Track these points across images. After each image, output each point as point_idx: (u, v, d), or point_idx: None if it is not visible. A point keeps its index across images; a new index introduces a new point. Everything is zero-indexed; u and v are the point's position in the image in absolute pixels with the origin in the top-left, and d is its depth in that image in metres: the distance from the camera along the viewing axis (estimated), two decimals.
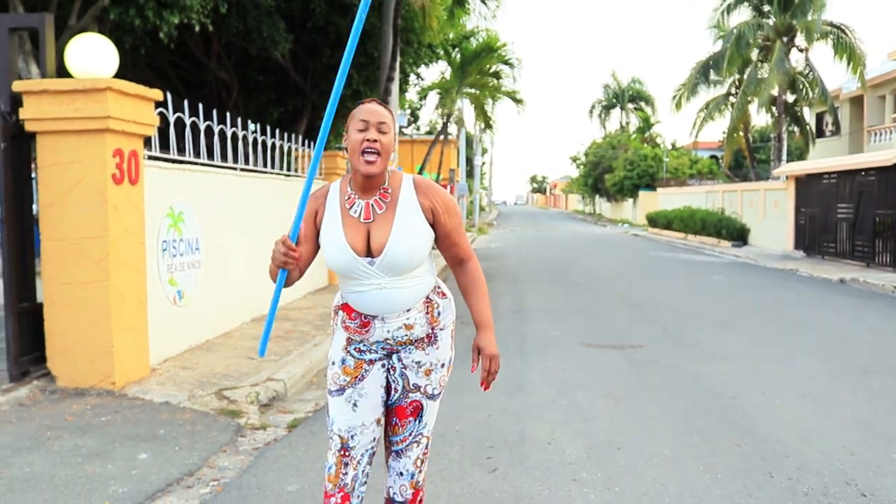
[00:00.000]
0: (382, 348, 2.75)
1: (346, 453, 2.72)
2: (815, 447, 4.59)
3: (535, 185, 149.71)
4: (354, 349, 2.76)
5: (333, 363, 2.79)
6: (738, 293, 12.54)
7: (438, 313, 2.77)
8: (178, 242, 6.76)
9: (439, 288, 2.81)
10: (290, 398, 5.79)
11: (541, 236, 31.22)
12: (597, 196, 59.16)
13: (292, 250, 2.49)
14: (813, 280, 15.08)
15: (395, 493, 2.86)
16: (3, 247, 5.52)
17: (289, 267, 2.55)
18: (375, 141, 2.55)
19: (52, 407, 5.12)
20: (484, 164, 61.76)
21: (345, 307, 2.76)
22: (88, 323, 5.52)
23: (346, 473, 2.72)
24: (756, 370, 6.68)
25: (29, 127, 5.45)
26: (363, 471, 2.77)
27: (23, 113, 5.43)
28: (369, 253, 2.63)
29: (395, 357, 2.78)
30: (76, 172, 5.46)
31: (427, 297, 2.75)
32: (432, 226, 2.70)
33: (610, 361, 7.00)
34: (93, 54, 5.57)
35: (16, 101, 5.49)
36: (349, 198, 2.68)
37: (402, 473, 2.85)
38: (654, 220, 33.90)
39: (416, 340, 2.75)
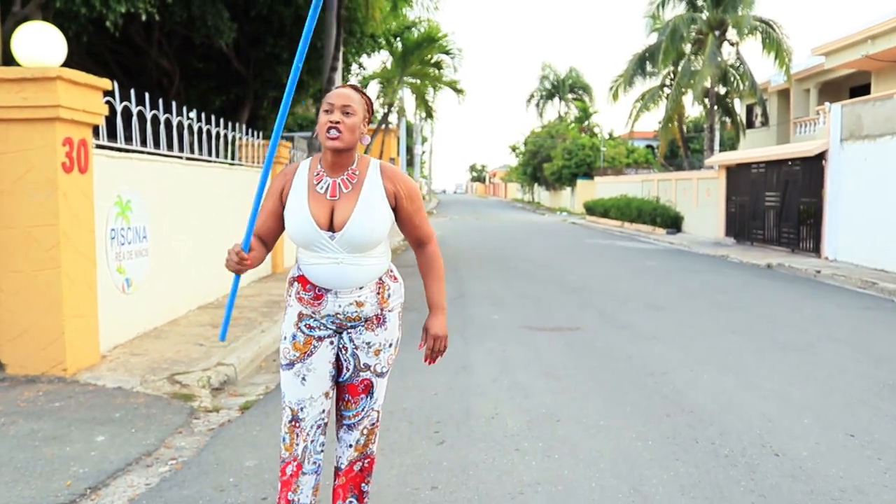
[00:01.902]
0: (333, 322, 2.90)
1: (297, 424, 2.90)
2: (736, 416, 4.99)
3: (474, 174, 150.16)
4: (305, 325, 2.91)
5: (285, 338, 2.95)
6: (670, 278, 13.05)
7: (389, 295, 2.95)
8: (126, 231, 6.82)
9: (392, 272, 3.00)
10: (240, 382, 5.93)
11: (480, 225, 31.58)
12: (535, 185, 59.81)
13: (245, 259, 2.74)
14: (742, 265, 15.74)
15: (342, 463, 3.07)
16: None
17: (242, 273, 2.77)
18: (338, 122, 2.73)
19: (2, 394, 5.16)
20: (424, 152, 61.91)
21: (300, 279, 2.91)
22: (39, 310, 5.56)
23: (297, 444, 2.91)
24: (685, 349, 7.09)
25: None
26: (315, 440, 2.94)
27: None
28: (331, 228, 2.79)
29: (346, 337, 2.94)
30: (25, 161, 5.49)
31: (380, 279, 2.92)
32: (394, 209, 2.88)
33: (549, 343, 7.32)
34: (40, 42, 5.58)
35: None
36: (318, 174, 2.85)
37: (351, 445, 3.04)
38: (592, 209, 34.60)
39: (365, 320, 2.92)
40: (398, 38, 24.16)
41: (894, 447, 4.43)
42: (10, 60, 6.36)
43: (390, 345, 3.00)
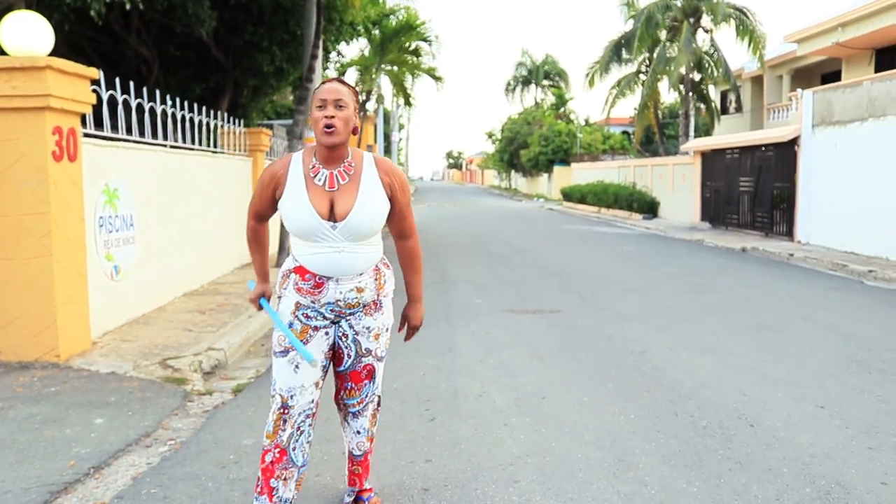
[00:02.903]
0: (332, 311, 2.98)
1: (286, 412, 2.94)
2: (714, 390, 5.21)
3: (451, 161, 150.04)
4: (302, 314, 2.98)
5: None
6: (648, 262, 13.29)
7: (385, 282, 3.08)
8: (113, 218, 6.88)
9: (384, 260, 3.13)
10: (230, 366, 6.05)
11: (459, 211, 31.71)
12: (512, 171, 59.98)
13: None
14: (717, 249, 16.04)
15: (353, 448, 3.25)
16: None
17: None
18: (333, 117, 2.82)
19: None
20: (401, 140, 61.77)
21: (298, 270, 2.97)
22: (31, 297, 5.64)
23: (283, 430, 2.94)
24: (663, 329, 7.30)
25: None
26: (304, 431, 2.99)
27: None
28: (332, 218, 2.88)
29: (345, 324, 3.03)
30: (15, 149, 5.54)
31: (376, 266, 3.04)
32: (389, 200, 2.99)
33: (532, 325, 7.51)
34: (28, 32, 5.61)
35: None
36: (314, 167, 2.92)
37: (359, 431, 3.19)
38: (569, 195, 34.86)
39: (364, 306, 3.02)
40: (376, 26, 24.17)
41: (860, 417, 4.67)
42: None
43: (387, 329, 3.13)
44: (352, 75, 27.75)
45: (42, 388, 5.07)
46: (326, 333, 3.02)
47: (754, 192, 18.83)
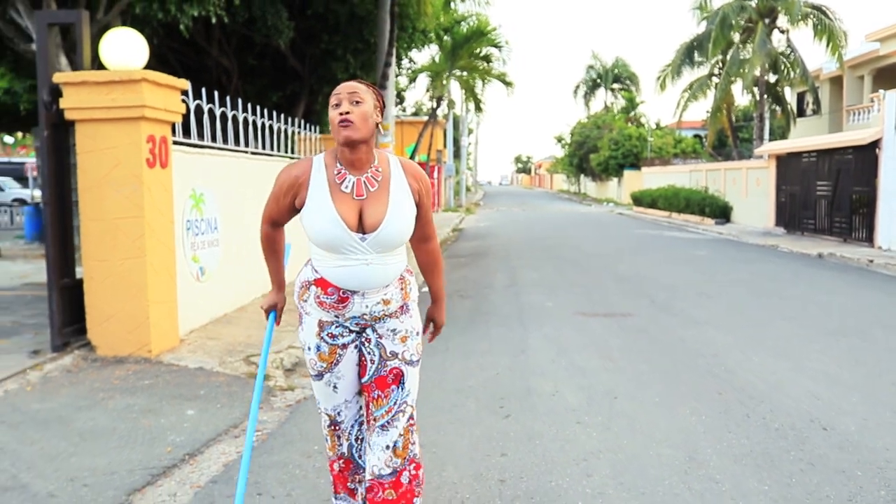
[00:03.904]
0: (357, 324, 2.82)
1: (337, 427, 2.96)
2: (786, 394, 5.20)
3: (519, 165, 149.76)
4: (327, 335, 2.82)
5: (309, 349, 2.87)
6: (720, 267, 13.12)
7: (410, 289, 2.91)
8: (199, 222, 7.23)
9: (407, 266, 2.94)
10: None
11: (527, 216, 31.74)
12: (582, 175, 59.64)
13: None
14: (792, 255, 15.70)
15: (381, 469, 2.80)
16: (47, 227, 6.00)
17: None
18: (348, 112, 2.62)
19: (97, 373, 5.61)
20: (470, 144, 62.09)
21: (319, 282, 2.77)
22: (126, 296, 6.00)
23: (340, 444, 2.99)
24: (735, 334, 7.27)
25: (69, 116, 5.88)
26: (360, 437, 3.00)
27: (63, 102, 5.86)
28: (360, 228, 2.69)
29: (368, 330, 2.85)
30: (113, 157, 5.91)
31: (401, 276, 2.86)
32: (416, 206, 2.83)
33: (602, 328, 7.57)
34: (125, 47, 6.02)
35: (55, 91, 5.93)
36: (339, 172, 2.71)
37: (388, 447, 2.80)
38: (639, 199, 34.48)
39: (390, 314, 2.85)
40: (448, 33, 24.46)
41: None
42: (93, 63, 6.80)
43: (417, 333, 2.91)
44: (423, 81, 28.18)
45: (137, 381, 5.40)
46: (355, 346, 2.87)
47: (832, 196, 18.36)
